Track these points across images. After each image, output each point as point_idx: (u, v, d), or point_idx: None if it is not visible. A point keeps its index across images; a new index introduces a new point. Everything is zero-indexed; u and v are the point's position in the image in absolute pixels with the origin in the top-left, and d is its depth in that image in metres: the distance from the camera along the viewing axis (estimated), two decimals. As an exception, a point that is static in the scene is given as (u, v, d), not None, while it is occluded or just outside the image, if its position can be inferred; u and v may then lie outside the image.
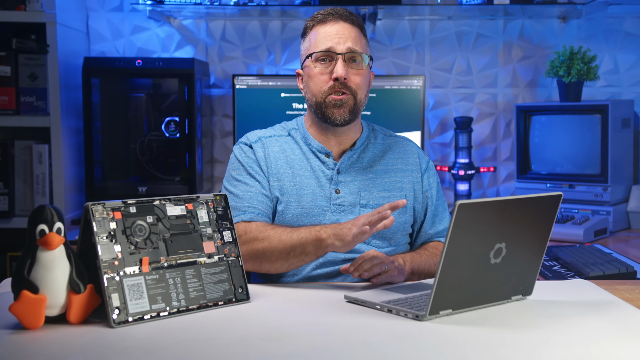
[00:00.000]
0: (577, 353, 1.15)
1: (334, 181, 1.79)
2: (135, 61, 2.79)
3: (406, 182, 1.84)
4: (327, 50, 1.75)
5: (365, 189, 1.79)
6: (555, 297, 1.50)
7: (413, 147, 1.91)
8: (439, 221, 1.86)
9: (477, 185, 3.17)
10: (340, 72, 1.73)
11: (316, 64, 1.77)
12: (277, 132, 1.87)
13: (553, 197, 1.40)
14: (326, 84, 1.75)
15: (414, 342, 1.21)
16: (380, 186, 1.81)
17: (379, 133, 1.91)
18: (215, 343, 1.21)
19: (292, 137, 1.86)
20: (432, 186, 1.88)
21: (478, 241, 1.31)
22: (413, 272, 1.70)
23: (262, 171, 1.79)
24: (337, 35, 1.76)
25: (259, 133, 1.87)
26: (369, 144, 1.87)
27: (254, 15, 3.04)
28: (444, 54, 3.11)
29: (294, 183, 1.78)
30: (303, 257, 1.64)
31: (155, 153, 2.87)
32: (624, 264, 2.02)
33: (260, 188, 1.77)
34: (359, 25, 1.81)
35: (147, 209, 1.41)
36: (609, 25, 3.07)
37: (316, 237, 1.60)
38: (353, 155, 1.83)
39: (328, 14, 1.79)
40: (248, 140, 1.84)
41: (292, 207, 1.76)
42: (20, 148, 2.71)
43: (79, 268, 1.32)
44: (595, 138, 2.74)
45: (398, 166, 1.85)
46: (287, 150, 1.83)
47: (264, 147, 1.82)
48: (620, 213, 2.77)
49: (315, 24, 1.80)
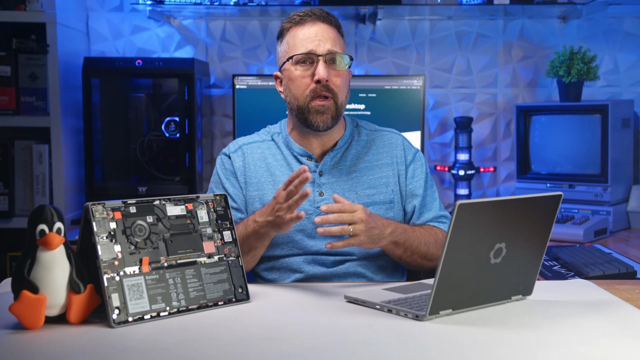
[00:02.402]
0: (577, 353, 1.15)
1: (317, 184, 1.78)
2: (135, 61, 2.79)
3: (391, 176, 1.82)
4: (307, 53, 1.74)
5: (350, 189, 1.79)
6: (555, 297, 1.50)
7: (398, 140, 1.88)
8: (427, 211, 1.83)
9: (477, 185, 3.17)
10: (322, 74, 1.71)
11: (296, 66, 1.75)
12: (260, 138, 1.88)
13: (553, 197, 1.40)
14: (308, 87, 1.74)
15: (414, 342, 1.21)
16: (365, 184, 1.80)
17: (363, 129, 1.89)
18: (215, 343, 1.21)
19: (275, 142, 1.86)
20: (419, 177, 1.84)
21: (478, 241, 1.31)
22: (397, 243, 1.67)
23: (237, 182, 1.81)
24: (316, 37, 1.74)
25: (241, 140, 1.88)
26: (352, 141, 1.85)
27: (254, 15, 3.04)
28: (444, 54, 3.11)
29: (274, 190, 1.76)
30: (254, 252, 1.70)
31: (155, 153, 2.87)
32: (624, 264, 2.02)
33: (231, 202, 1.79)
34: (336, 26, 1.79)
35: (147, 209, 1.41)
36: (609, 25, 3.08)
37: (254, 230, 1.65)
38: (336, 156, 1.82)
39: (305, 15, 1.78)
40: (228, 150, 1.86)
41: None
42: (20, 148, 2.71)
43: (79, 268, 1.32)
44: (595, 138, 2.74)
45: (383, 160, 1.84)
46: (268, 156, 1.83)
47: (244, 155, 1.83)
48: (620, 213, 2.77)
49: (293, 26, 1.78)
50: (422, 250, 1.71)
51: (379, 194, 1.79)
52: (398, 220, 1.80)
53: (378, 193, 1.79)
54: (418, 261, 1.73)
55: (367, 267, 1.77)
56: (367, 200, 1.78)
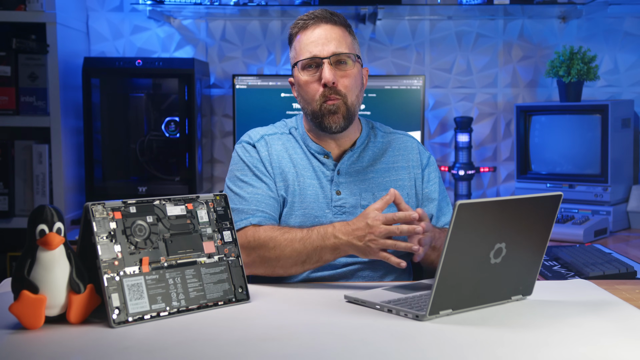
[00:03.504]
0: (577, 353, 1.15)
1: (334, 182, 1.77)
2: (135, 61, 2.79)
3: (407, 179, 1.82)
4: (311, 57, 1.72)
5: (366, 190, 1.78)
6: (555, 297, 1.50)
7: (413, 143, 1.89)
8: (443, 215, 1.83)
9: (477, 185, 3.17)
10: (327, 77, 1.70)
11: (303, 72, 1.74)
12: (279, 130, 1.85)
13: (553, 197, 1.40)
14: (317, 91, 1.73)
15: (413, 342, 1.21)
16: (382, 186, 1.79)
17: (379, 131, 1.89)
18: (215, 343, 1.21)
19: (293, 136, 1.84)
20: (434, 181, 1.85)
21: (478, 241, 1.31)
22: (435, 248, 1.65)
23: (267, 172, 1.77)
24: (319, 40, 1.72)
25: (261, 131, 1.84)
26: (368, 142, 1.85)
27: (254, 15, 3.04)
28: (444, 54, 3.11)
29: (297, 183, 1.76)
30: (320, 264, 1.63)
31: (155, 153, 2.87)
32: (624, 264, 2.02)
33: (267, 190, 1.75)
34: (342, 24, 1.76)
35: (147, 209, 1.41)
36: (609, 25, 3.07)
37: (334, 245, 1.58)
38: (353, 155, 1.81)
39: (308, 19, 1.76)
40: (251, 140, 1.82)
41: (296, 208, 1.74)
42: (20, 148, 2.71)
43: (79, 268, 1.32)
44: (595, 138, 2.74)
45: (399, 163, 1.83)
46: (289, 148, 1.81)
47: (267, 145, 1.80)
48: (620, 213, 2.77)
49: (298, 31, 1.76)
50: None
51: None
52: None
53: None
54: None
55: (375, 269, 1.76)
56: None
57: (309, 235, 1.61)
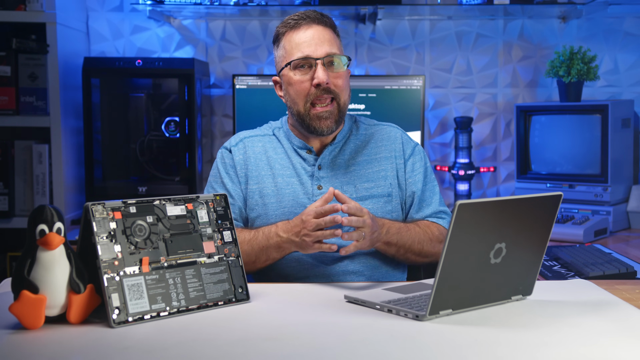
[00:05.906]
0: (577, 353, 1.15)
1: (315, 177, 1.80)
2: (135, 61, 2.79)
3: (389, 169, 1.83)
4: (305, 57, 1.74)
5: (348, 182, 1.80)
6: (555, 297, 1.50)
7: (397, 133, 1.89)
8: (426, 206, 1.84)
9: (477, 185, 3.17)
10: (321, 77, 1.72)
11: (295, 71, 1.75)
12: (261, 132, 1.90)
13: (553, 197, 1.40)
14: (307, 91, 1.74)
15: (413, 342, 1.21)
16: (363, 177, 1.81)
17: (362, 124, 1.90)
18: (215, 343, 1.21)
19: (276, 136, 1.87)
20: (417, 171, 1.85)
21: (478, 241, 1.31)
22: (390, 243, 1.70)
23: (237, 177, 1.82)
24: (312, 40, 1.74)
25: (243, 134, 1.89)
26: (350, 136, 1.86)
27: (254, 15, 3.04)
28: (444, 54, 3.12)
29: (274, 184, 1.80)
30: (270, 261, 1.73)
31: (155, 153, 2.87)
32: (624, 264, 2.02)
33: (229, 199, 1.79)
34: (331, 26, 1.79)
35: (147, 209, 1.41)
36: (609, 25, 3.08)
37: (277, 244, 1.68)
38: (334, 150, 1.83)
39: (300, 19, 1.77)
40: (229, 144, 1.88)
41: (273, 208, 1.78)
42: (20, 148, 2.71)
43: (79, 268, 1.32)
44: (595, 138, 2.74)
45: (382, 154, 1.85)
46: (269, 150, 1.85)
47: (245, 148, 1.85)
48: (620, 213, 2.77)
49: (288, 30, 1.78)
50: (416, 249, 1.74)
51: (377, 187, 1.80)
52: (397, 213, 1.82)
53: (376, 186, 1.80)
54: (412, 258, 1.77)
55: (365, 265, 1.77)
56: (366, 193, 1.78)
57: (255, 237, 1.71)
